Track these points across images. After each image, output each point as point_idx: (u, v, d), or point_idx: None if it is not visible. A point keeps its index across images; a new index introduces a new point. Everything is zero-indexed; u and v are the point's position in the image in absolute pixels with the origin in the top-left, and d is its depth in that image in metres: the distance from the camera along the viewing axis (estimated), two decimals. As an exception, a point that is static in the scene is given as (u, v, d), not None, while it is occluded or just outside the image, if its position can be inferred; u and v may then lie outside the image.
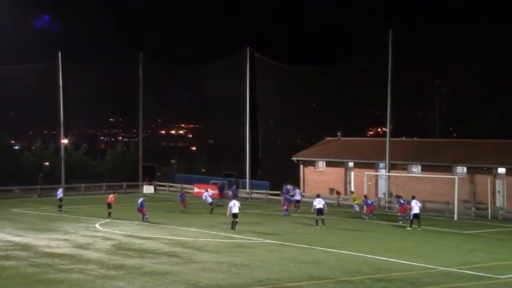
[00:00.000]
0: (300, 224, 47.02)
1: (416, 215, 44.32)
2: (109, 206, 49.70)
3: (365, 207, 50.60)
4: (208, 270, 30.17)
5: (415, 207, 44.41)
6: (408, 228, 44.17)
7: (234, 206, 43.63)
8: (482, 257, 34.58)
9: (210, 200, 53.55)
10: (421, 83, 74.04)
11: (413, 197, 45.53)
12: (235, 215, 43.26)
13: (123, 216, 49.41)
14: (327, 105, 75.18)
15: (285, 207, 52.01)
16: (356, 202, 52.43)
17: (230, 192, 58.70)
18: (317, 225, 44.95)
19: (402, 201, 48.35)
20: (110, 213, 49.27)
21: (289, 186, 57.74)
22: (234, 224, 42.97)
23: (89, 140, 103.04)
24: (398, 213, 48.33)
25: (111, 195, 50.58)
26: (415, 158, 59.98)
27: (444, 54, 67.21)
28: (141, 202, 48.08)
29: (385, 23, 71.60)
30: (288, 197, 53.97)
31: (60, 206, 53.65)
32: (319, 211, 45.35)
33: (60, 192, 54.91)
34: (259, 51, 70.08)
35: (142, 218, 47.19)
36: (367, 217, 49.80)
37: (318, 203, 45.59)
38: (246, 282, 27.74)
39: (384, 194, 59.35)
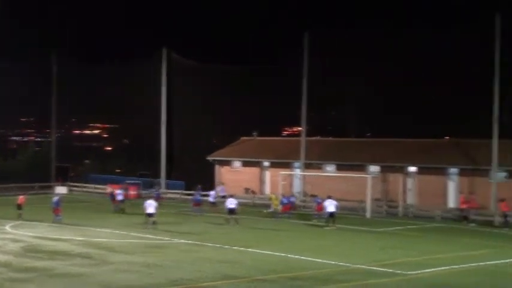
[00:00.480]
0: (215, 224, 46.95)
1: (331, 214, 44.88)
2: (19, 207, 48.62)
3: (280, 206, 51.02)
4: (121, 271, 29.81)
5: (330, 206, 44.97)
6: (326, 228, 44.61)
7: (150, 205, 43.37)
8: (394, 253, 35.24)
9: (120, 197, 52.67)
10: (337, 82, 74.79)
11: (329, 197, 46.11)
12: (150, 215, 42.90)
13: (34, 218, 48.31)
14: (243, 105, 75.27)
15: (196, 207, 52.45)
16: (274, 203, 52.43)
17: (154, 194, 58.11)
18: (228, 223, 45.43)
19: (319, 200, 48.91)
20: (20, 215, 48.18)
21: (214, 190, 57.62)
22: (149, 224, 42.61)
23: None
24: (315, 212, 48.83)
25: (21, 197, 49.50)
26: (329, 157, 60.71)
27: (360, 53, 68.06)
28: (56, 201, 47.11)
29: (301, 23, 72.10)
30: (199, 197, 53.95)
31: None
32: (231, 211, 45.86)
33: None
34: (175, 51, 69.77)
35: (55, 218, 46.25)
36: (282, 216, 50.16)
37: (230, 203, 46.19)
38: (160, 282, 27.51)
39: (299, 193, 59.84)
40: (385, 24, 75.74)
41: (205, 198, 55.76)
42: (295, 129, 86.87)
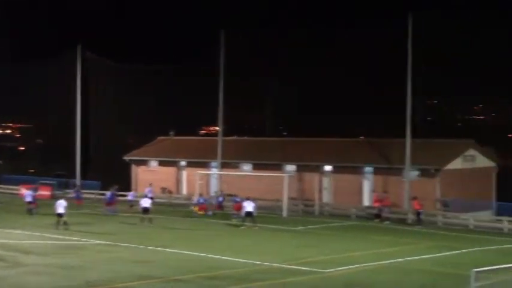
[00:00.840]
0: (130, 223, 46.60)
1: (248, 213, 45.12)
2: None
3: (196, 207, 51.27)
4: (35, 273, 29.30)
5: (248, 206, 45.24)
6: (242, 228, 44.83)
7: (60, 205, 42.82)
8: (310, 252, 35.67)
9: (29, 198, 51.38)
10: (253, 81, 75.19)
11: (248, 198, 46.41)
12: (60, 215, 42.64)
13: None
14: (159, 104, 74.90)
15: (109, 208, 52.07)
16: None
17: (75, 195, 57.35)
18: (142, 222, 45.64)
19: (238, 199, 49.22)
20: None
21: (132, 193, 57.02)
22: (60, 224, 42.27)
23: None
24: (234, 212, 49.09)
25: None
26: (246, 156, 60.94)
27: (276, 52, 68.56)
28: None
29: (218, 23, 72.23)
30: (111, 197, 53.45)
31: None
32: (145, 210, 46.10)
33: None
34: (90, 50, 68.89)
35: None
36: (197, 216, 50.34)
37: (144, 202, 46.53)
38: (75, 284, 27.18)
39: (216, 192, 59.88)
40: (301, 23, 76.54)
41: (122, 198, 55.38)
42: (211, 128, 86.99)
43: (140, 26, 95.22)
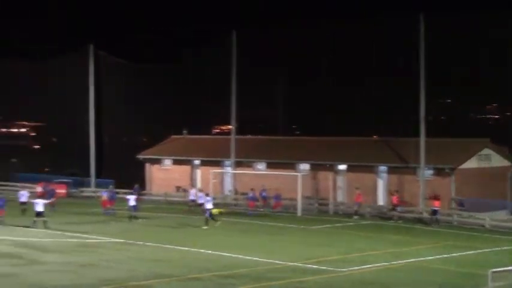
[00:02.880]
0: (145, 222, 46.76)
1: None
2: None
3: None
4: (53, 271, 29.51)
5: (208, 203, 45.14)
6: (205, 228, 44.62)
7: (38, 204, 43.16)
8: (325, 251, 35.72)
9: (23, 199, 49.52)
10: (265, 80, 75.29)
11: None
12: (39, 214, 42.86)
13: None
14: (173, 103, 75.11)
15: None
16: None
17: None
18: (130, 219, 46.50)
19: (251, 195, 49.92)
20: None
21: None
22: (36, 223, 42.52)
23: None
24: (250, 209, 49.82)
25: None
26: (260, 155, 61.03)
27: (288, 50, 68.65)
28: (1, 201, 45.16)
29: (228, 22, 72.38)
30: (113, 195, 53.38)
31: None
32: (134, 207, 47.03)
33: None
34: (104, 48, 69.18)
35: None
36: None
37: (132, 200, 47.24)
38: (93, 282, 27.35)
39: (230, 191, 60.08)
40: (313, 22, 76.47)
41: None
42: (224, 127, 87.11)
43: (153, 24, 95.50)
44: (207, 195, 46.54)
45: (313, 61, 70.12)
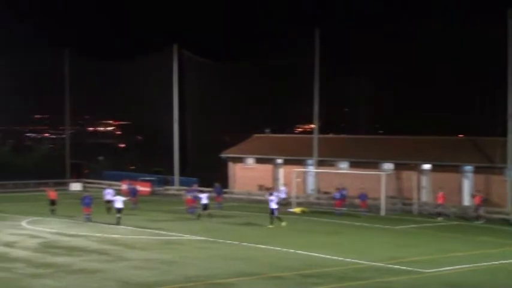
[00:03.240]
0: (228, 221, 47.07)
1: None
2: (52, 202, 48.41)
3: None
4: (138, 267, 29.98)
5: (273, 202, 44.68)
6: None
7: (118, 201, 44.21)
8: (409, 251, 35.23)
9: (109, 197, 49.58)
10: (348, 79, 74.80)
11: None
12: (119, 210, 43.79)
13: (49, 214, 48.65)
14: (255, 102, 75.37)
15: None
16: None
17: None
18: (199, 217, 46.69)
19: (338, 195, 49.91)
20: (53, 211, 48.07)
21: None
22: (118, 220, 43.51)
23: (14, 137, 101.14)
24: (336, 208, 49.76)
25: (52, 192, 49.34)
26: (342, 154, 60.70)
27: (371, 50, 68.04)
28: (86, 200, 45.99)
29: (312, 20, 72.11)
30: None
31: None
32: (205, 206, 46.95)
33: None
34: (187, 48, 69.92)
35: (84, 217, 45.16)
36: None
37: (205, 198, 47.19)
38: (176, 279, 27.66)
39: (313, 190, 59.95)
40: (396, 21, 75.56)
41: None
42: (307, 126, 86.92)
43: (235, 23, 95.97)
44: (270, 194, 46.09)
45: (397, 59, 69.17)
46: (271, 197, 44.91)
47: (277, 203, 45.07)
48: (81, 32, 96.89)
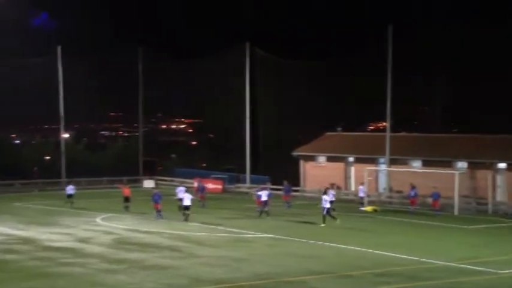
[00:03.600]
0: (298, 219, 47.01)
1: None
2: (126, 199, 49.16)
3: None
4: (209, 264, 30.22)
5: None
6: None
7: (187, 198, 44.50)
8: (483, 252, 34.62)
9: (181, 195, 48.55)
10: (422, 77, 73.89)
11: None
12: (187, 208, 44.20)
13: (123, 210, 49.45)
14: (327, 100, 75.08)
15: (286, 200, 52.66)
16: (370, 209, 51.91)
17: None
18: (260, 216, 46.60)
19: (412, 193, 50.02)
20: (127, 207, 48.80)
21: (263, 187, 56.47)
22: (186, 216, 43.97)
23: (89, 134, 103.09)
24: (410, 206, 49.70)
25: (127, 189, 50.09)
26: (415, 152, 59.97)
27: (445, 48, 67.09)
28: (158, 196, 46.41)
29: (385, 17, 71.33)
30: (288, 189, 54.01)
31: (71, 203, 52.24)
32: (265, 203, 46.95)
33: (70, 189, 53.72)
34: (259, 45, 70.09)
35: (156, 214, 45.46)
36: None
37: (264, 195, 47.20)
38: (246, 276, 27.78)
39: (385, 189, 59.44)
40: (473, 16, 74.29)
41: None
42: (380, 124, 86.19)
43: (307, 21, 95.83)
44: (324, 193, 45.55)
45: (470, 56, 68.01)
46: (326, 196, 44.37)
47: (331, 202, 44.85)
48: (155, 31, 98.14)
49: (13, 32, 77.62)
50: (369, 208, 51.61)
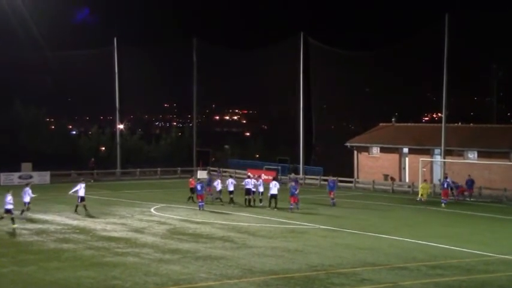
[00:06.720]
0: (352, 210, 46.79)
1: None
2: (192, 190, 49.39)
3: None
4: (262, 255, 30.23)
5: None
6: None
7: (275, 186, 45.63)
8: (541, 244, 34.03)
9: (231, 188, 48.98)
10: (478, 67, 72.89)
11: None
12: (273, 196, 45.32)
13: (177, 201, 49.80)
14: (381, 90, 74.51)
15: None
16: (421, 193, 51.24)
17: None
18: (269, 206, 46.16)
19: (445, 185, 49.23)
20: (191, 198, 49.10)
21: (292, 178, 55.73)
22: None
23: (144, 125, 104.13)
24: (442, 197, 49.11)
25: (192, 180, 50.37)
26: (471, 144, 59.19)
27: (503, 37, 65.97)
28: (201, 186, 46.82)
29: (441, 5, 70.48)
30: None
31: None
32: (273, 196, 46.30)
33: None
34: (312, 36, 69.80)
35: (199, 206, 45.88)
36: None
37: (274, 186, 46.56)
38: (300, 267, 27.72)
39: (439, 180, 58.78)
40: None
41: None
42: (435, 115, 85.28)
43: (361, 11, 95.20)
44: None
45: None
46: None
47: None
48: (209, 22, 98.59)
49: (66, 26, 78.78)
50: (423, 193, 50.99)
